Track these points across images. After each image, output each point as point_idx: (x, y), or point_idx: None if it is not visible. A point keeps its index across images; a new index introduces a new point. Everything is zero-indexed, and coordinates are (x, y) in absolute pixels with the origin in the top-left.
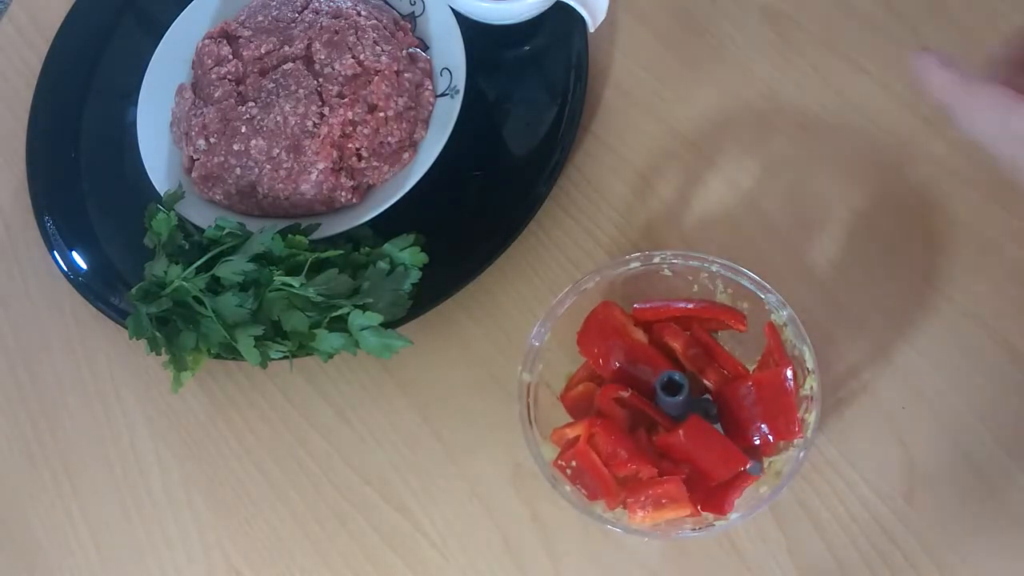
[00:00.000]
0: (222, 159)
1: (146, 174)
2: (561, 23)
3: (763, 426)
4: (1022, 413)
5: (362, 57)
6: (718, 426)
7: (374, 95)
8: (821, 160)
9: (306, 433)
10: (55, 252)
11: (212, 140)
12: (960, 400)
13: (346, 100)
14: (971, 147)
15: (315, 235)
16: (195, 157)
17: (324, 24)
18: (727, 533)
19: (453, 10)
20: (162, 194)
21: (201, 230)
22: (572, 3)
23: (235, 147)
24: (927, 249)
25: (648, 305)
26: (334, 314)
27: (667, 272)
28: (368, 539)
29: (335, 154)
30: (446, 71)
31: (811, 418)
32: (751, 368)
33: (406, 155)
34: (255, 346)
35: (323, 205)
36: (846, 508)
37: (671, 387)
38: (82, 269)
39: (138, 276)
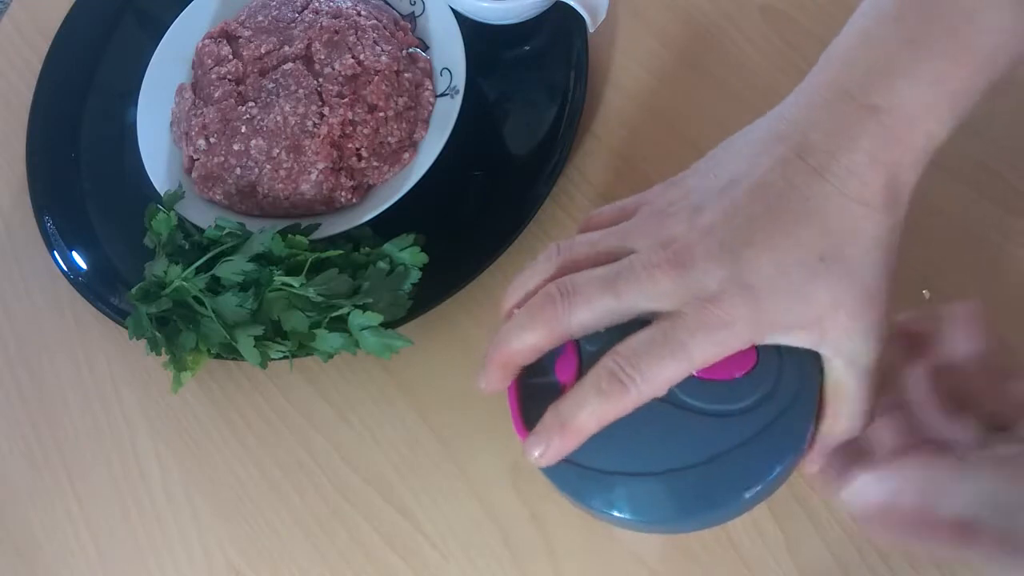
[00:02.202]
0: (222, 159)
1: (146, 174)
2: (561, 23)
3: None
4: None
5: (362, 57)
6: None
7: (374, 95)
8: None
9: (306, 433)
10: (55, 252)
11: (212, 140)
12: None
13: (346, 100)
14: (969, 146)
15: (315, 235)
16: (195, 157)
17: (324, 24)
18: (727, 532)
19: (453, 10)
20: (162, 194)
21: (201, 230)
22: (572, 3)
23: (235, 147)
24: (925, 249)
25: None
26: (334, 314)
27: None
28: (368, 539)
29: (335, 154)
30: (446, 71)
31: None
32: None
33: (406, 155)
34: (255, 346)
35: (323, 205)
36: (846, 508)
37: None
38: (82, 269)
39: (138, 276)
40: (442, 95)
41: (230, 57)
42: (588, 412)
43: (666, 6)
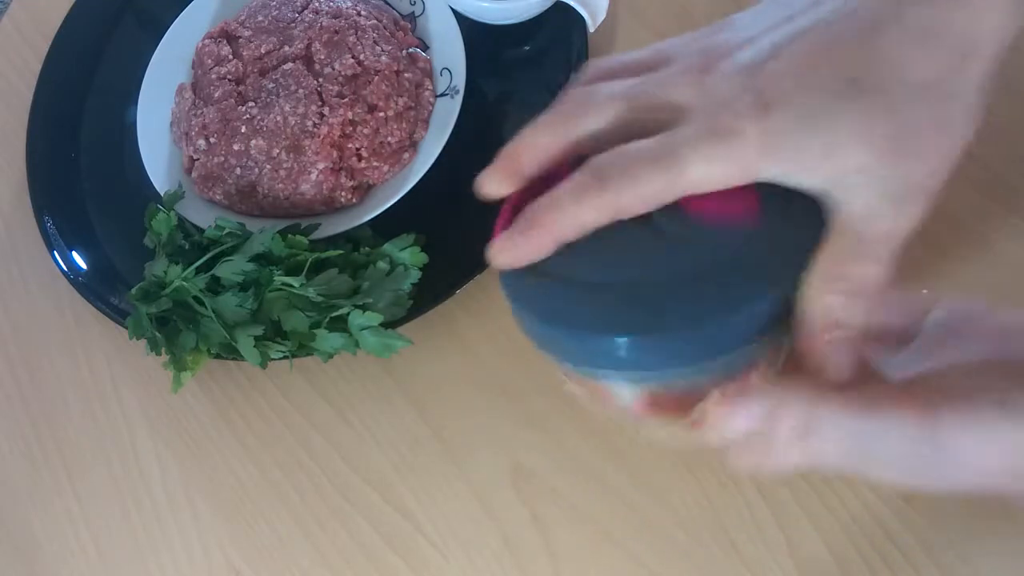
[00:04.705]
0: (222, 159)
1: (146, 174)
2: (561, 23)
3: None
4: None
5: (362, 57)
6: None
7: (374, 95)
8: None
9: (306, 433)
10: (55, 252)
11: (212, 140)
12: None
13: (346, 100)
14: (971, 146)
15: (315, 235)
16: (195, 157)
17: (324, 24)
18: (727, 532)
19: (453, 10)
20: (162, 194)
21: (201, 230)
22: (572, 3)
23: (235, 147)
24: (927, 250)
25: None
26: (334, 314)
27: None
28: (368, 539)
29: (335, 154)
30: (446, 71)
31: None
32: None
33: (406, 155)
34: (255, 346)
35: (323, 205)
36: (846, 508)
37: None
38: (82, 269)
39: (138, 276)
40: (442, 95)
41: (230, 57)
42: (559, 211)
43: (666, 6)
